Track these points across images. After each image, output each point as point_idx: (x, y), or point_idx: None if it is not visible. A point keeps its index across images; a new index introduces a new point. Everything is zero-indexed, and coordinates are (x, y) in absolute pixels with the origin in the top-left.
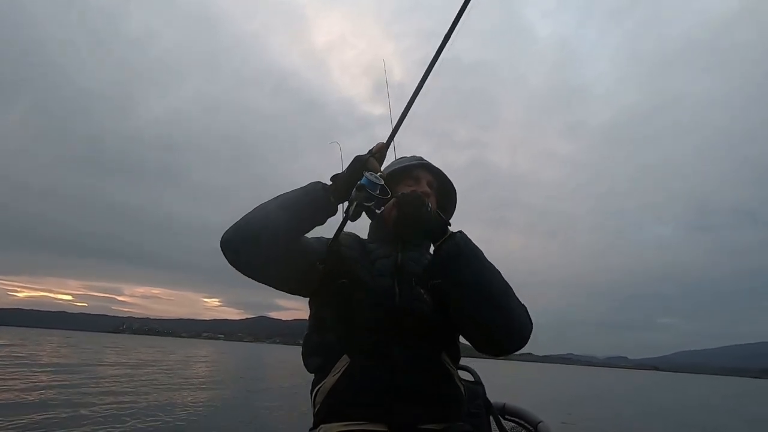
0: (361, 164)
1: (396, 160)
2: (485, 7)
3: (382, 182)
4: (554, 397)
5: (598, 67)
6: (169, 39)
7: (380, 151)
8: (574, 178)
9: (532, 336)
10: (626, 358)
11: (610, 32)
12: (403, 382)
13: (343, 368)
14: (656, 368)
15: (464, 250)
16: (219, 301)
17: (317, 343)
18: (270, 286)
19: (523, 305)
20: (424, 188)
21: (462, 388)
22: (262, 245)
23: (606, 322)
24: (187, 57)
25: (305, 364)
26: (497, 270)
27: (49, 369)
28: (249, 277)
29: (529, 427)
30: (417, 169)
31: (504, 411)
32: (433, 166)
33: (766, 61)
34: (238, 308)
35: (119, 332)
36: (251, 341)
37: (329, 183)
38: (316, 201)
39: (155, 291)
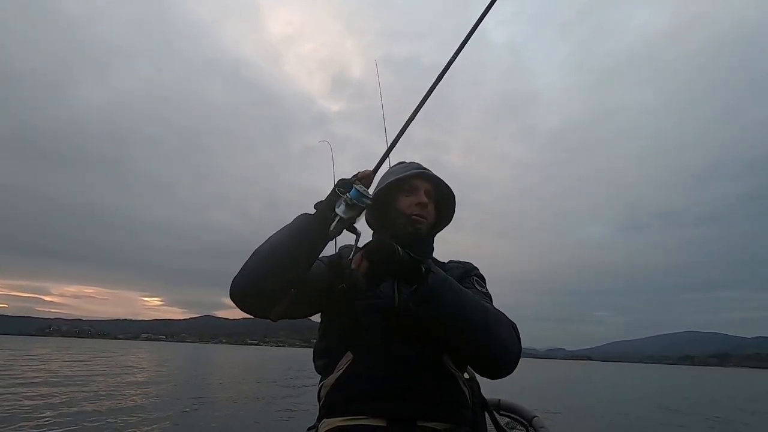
0: (345, 186)
1: (392, 167)
2: (449, 9)
3: (369, 199)
4: (513, 393)
5: (547, 75)
6: (114, 19)
7: (366, 177)
8: (523, 181)
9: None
10: (564, 349)
11: (559, 44)
12: (403, 380)
13: (346, 365)
14: (589, 358)
15: (438, 293)
16: (160, 301)
17: (325, 346)
18: (289, 318)
19: (509, 324)
20: (421, 198)
21: (466, 392)
22: (267, 293)
23: (547, 317)
24: (133, 39)
25: (315, 367)
26: (474, 300)
27: None
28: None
29: (524, 421)
30: (413, 178)
31: (499, 407)
32: (431, 174)
33: (701, 75)
34: (182, 307)
35: (45, 335)
36: (195, 342)
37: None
38: (300, 233)
39: (88, 290)
